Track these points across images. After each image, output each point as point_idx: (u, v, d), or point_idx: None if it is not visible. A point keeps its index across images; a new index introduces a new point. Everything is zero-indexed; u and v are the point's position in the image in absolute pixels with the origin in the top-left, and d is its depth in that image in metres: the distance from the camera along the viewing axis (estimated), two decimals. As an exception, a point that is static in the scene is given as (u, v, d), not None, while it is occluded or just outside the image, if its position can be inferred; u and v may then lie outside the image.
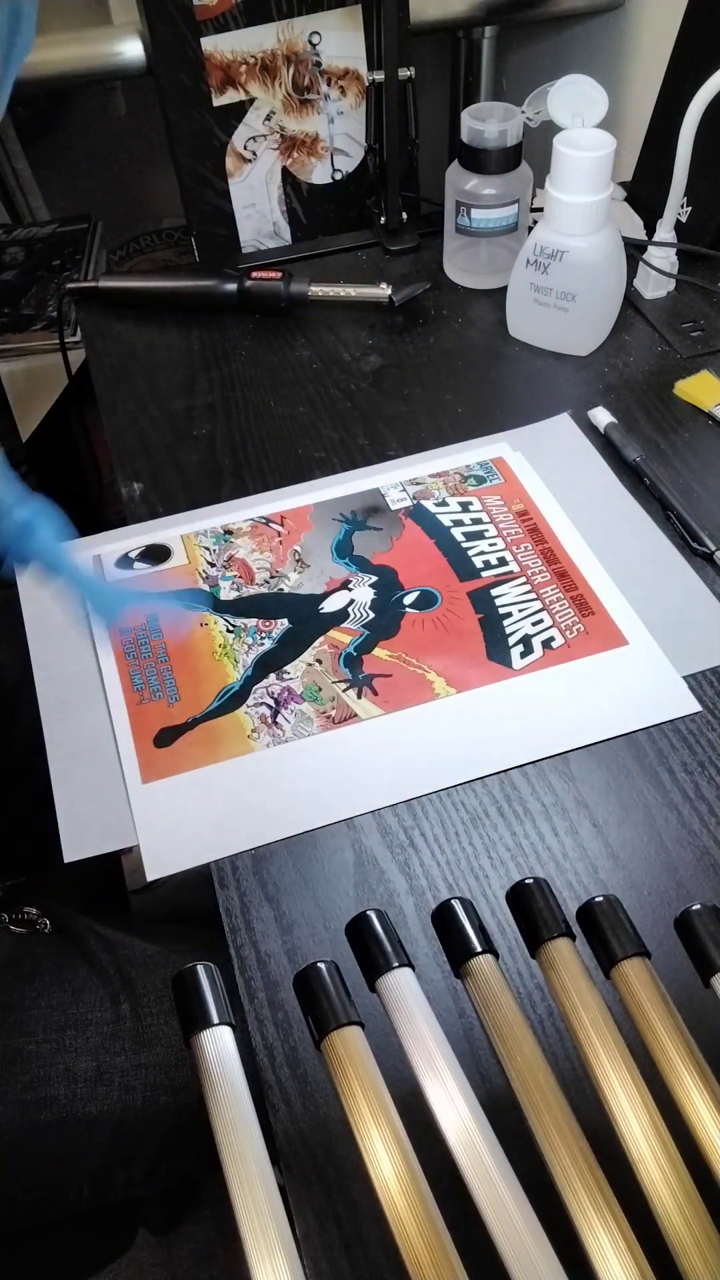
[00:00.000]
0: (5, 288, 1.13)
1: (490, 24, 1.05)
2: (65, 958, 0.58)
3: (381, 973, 0.32)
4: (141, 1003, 0.56)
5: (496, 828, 0.47)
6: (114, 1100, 0.54)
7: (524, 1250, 0.27)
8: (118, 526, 0.64)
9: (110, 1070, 0.55)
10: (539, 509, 0.62)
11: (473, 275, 0.82)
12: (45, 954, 0.59)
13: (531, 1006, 0.41)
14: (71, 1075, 0.54)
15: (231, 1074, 0.30)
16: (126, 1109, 0.54)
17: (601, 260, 0.69)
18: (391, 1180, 0.28)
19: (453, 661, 0.54)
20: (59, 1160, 0.55)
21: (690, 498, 0.62)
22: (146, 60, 0.86)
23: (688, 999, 0.33)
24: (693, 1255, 0.27)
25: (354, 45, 0.82)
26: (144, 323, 0.81)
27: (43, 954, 0.59)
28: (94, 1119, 0.54)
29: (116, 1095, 0.54)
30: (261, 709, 0.53)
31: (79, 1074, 0.54)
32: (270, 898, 0.45)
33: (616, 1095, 0.30)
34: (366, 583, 0.59)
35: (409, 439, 0.69)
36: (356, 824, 0.48)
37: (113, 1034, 0.55)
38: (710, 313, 0.77)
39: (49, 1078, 0.54)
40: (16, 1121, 0.53)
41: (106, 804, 0.49)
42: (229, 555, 0.61)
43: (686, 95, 0.65)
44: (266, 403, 0.73)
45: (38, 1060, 0.54)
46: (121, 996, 0.56)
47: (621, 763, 0.50)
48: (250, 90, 0.82)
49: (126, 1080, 0.55)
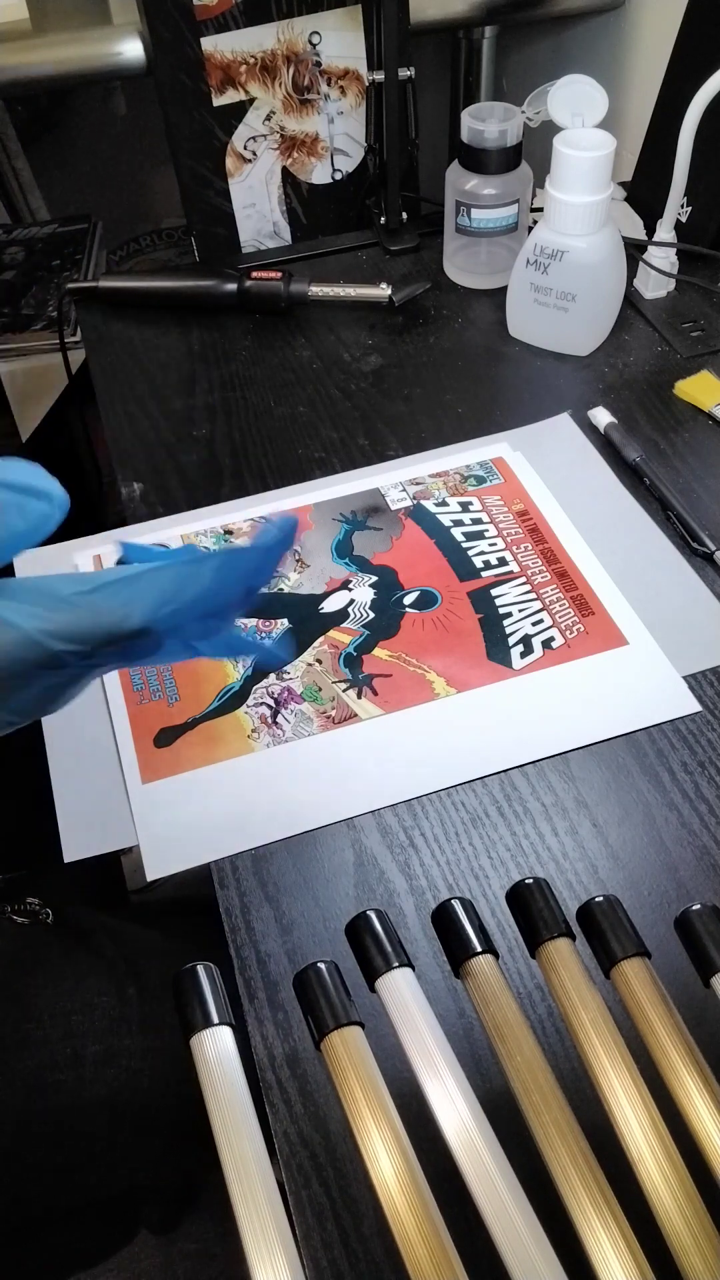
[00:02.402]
0: (5, 288, 1.13)
1: (490, 24, 1.05)
2: (70, 946, 0.58)
3: (381, 973, 0.32)
4: (147, 988, 0.56)
5: (496, 828, 0.47)
6: (121, 1083, 0.54)
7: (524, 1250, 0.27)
8: (118, 526, 0.64)
9: (117, 1053, 0.55)
10: (539, 509, 0.62)
11: (473, 275, 0.82)
12: (49, 943, 0.59)
13: (531, 1006, 0.41)
14: (79, 1059, 0.54)
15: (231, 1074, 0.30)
16: (134, 1091, 0.55)
17: (601, 260, 0.69)
18: (391, 1180, 0.28)
19: (453, 661, 0.54)
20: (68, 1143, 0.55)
21: (690, 498, 0.62)
22: (146, 60, 0.86)
23: (688, 999, 0.33)
24: (693, 1255, 0.27)
25: (354, 45, 0.82)
26: (144, 323, 0.81)
27: (47, 943, 0.59)
28: (101, 1101, 0.54)
29: (124, 1078, 0.54)
30: (261, 709, 0.53)
31: (86, 1058, 0.54)
32: (270, 898, 0.45)
33: (616, 1095, 0.30)
34: (366, 583, 0.59)
35: (409, 439, 0.69)
36: (356, 824, 0.48)
37: (119, 1018, 0.55)
38: (710, 313, 0.77)
39: (56, 1062, 0.54)
40: (25, 1105, 0.53)
41: (106, 804, 0.49)
42: (229, 555, 0.61)
43: (686, 95, 0.65)
44: (266, 403, 0.73)
45: (45, 1045, 0.54)
46: (127, 982, 0.56)
47: (621, 763, 0.50)
48: (250, 90, 0.82)
49: (133, 1063, 0.55)
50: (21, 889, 0.65)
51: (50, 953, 0.58)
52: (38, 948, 0.58)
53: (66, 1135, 0.55)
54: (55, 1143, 0.54)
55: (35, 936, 0.59)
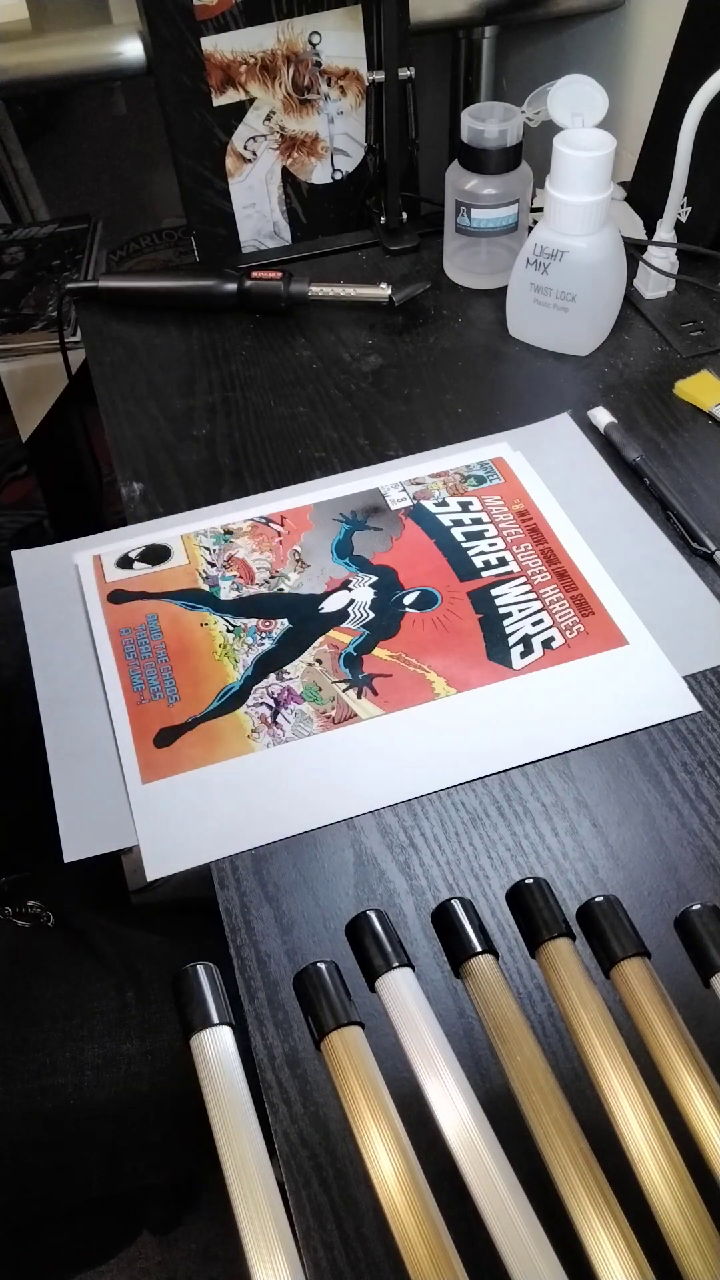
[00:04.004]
0: (5, 288, 1.13)
1: (490, 24, 1.05)
2: (70, 949, 0.58)
3: (381, 973, 0.32)
4: (147, 991, 0.57)
5: (496, 828, 0.47)
6: (121, 1087, 0.55)
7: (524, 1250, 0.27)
8: (118, 526, 0.64)
9: (117, 1057, 0.55)
10: (539, 509, 0.62)
11: (473, 275, 0.82)
12: (50, 946, 0.59)
13: (531, 1006, 0.41)
14: (79, 1063, 0.54)
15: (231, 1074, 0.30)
16: (134, 1095, 0.55)
17: (601, 260, 0.69)
18: (391, 1180, 0.28)
19: (453, 661, 0.54)
20: (69, 1146, 0.55)
21: (690, 498, 0.62)
22: (146, 60, 0.86)
23: (688, 999, 0.33)
24: (693, 1255, 0.27)
25: (354, 45, 0.82)
26: (144, 323, 0.81)
27: (47, 946, 0.59)
28: (102, 1105, 0.54)
29: (124, 1082, 0.55)
30: (261, 709, 0.53)
31: (86, 1061, 0.54)
32: (270, 898, 0.45)
33: (616, 1095, 0.30)
34: (366, 583, 0.59)
35: (409, 439, 0.69)
36: (356, 824, 0.48)
37: (119, 1022, 0.55)
38: (710, 313, 0.77)
39: (56, 1066, 0.54)
40: (26, 1109, 0.53)
41: (106, 804, 0.49)
42: (229, 555, 0.61)
43: (686, 95, 0.65)
44: (266, 403, 0.73)
45: (45, 1049, 0.54)
46: (126, 985, 0.57)
47: (621, 763, 0.50)
48: (250, 90, 0.82)
49: (133, 1067, 0.55)
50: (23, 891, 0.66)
51: (50, 956, 0.58)
52: (38, 951, 0.58)
53: (67, 1137, 0.55)
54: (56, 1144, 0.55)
55: (36, 940, 0.60)
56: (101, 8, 0.90)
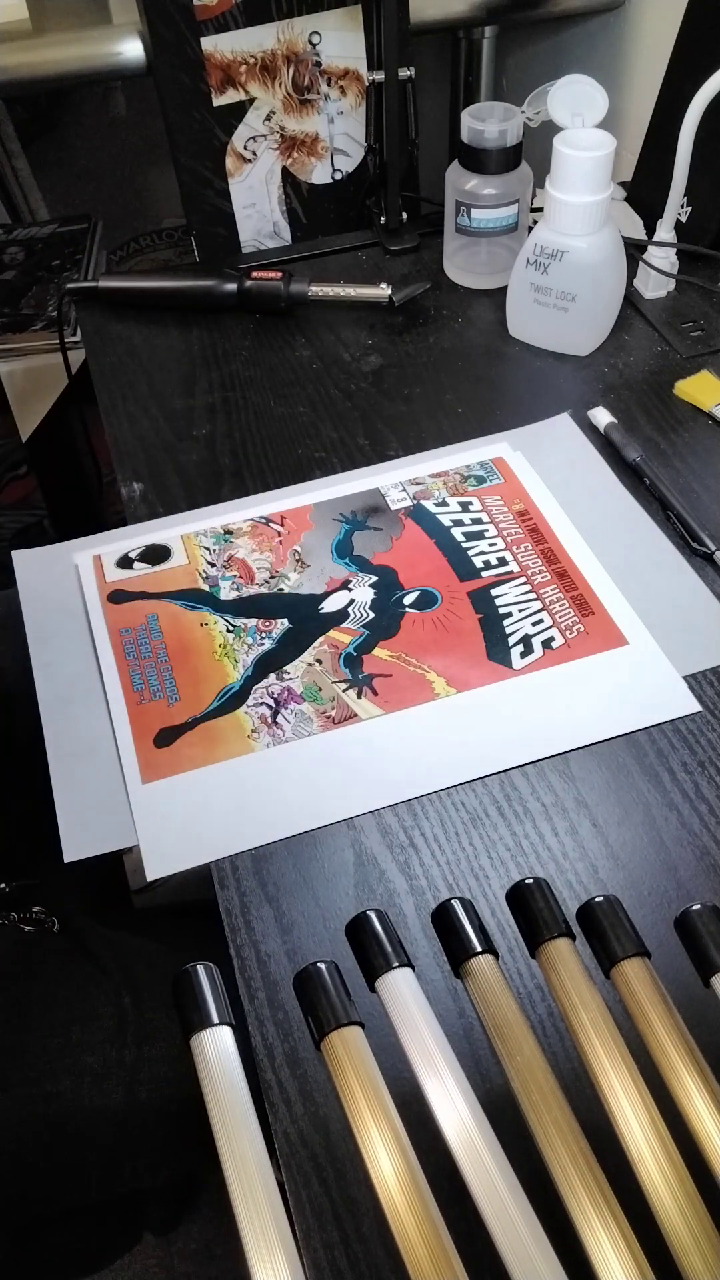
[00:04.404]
0: (5, 288, 1.13)
1: (490, 24, 1.05)
2: (70, 955, 0.59)
3: (381, 973, 0.32)
4: (144, 998, 0.57)
5: (496, 828, 0.47)
6: (119, 1094, 0.55)
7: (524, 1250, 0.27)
8: (118, 526, 0.64)
9: (115, 1064, 0.55)
10: (539, 509, 0.62)
11: (473, 275, 0.82)
12: (51, 952, 0.59)
13: (531, 1006, 0.41)
14: (77, 1070, 0.54)
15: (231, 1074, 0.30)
16: (132, 1102, 0.55)
17: (601, 260, 0.69)
18: (391, 1180, 0.28)
19: (453, 661, 0.54)
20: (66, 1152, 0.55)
21: (690, 498, 0.62)
22: (146, 60, 0.86)
23: (688, 999, 0.33)
24: (693, 1255, 0.27)
25: (354, 45, 0.82)
26: (144, 323, 0.81)
27: (49, 952, 0.59)
28: (100, 1112, 0.54)
29: (122, 1089, 0.55)
30: (261, 709, 0.53)
31: (84, 1068, 0.54)
32: (270, 898, 0.45)
33: (616, 1095, 0.30)
34: (366, 583, 0.59)
35: (409, 439, 0.69)
36: (356, 824, 0.48)
37: (117, 1029, 0.55)
38: (710, 313, 0.77)
39: (55, 1072, 0.54)
40: (24, 1115, 0.53)
41: (106, 804, 0.49)
42: (229, 555, 0.61)
43: (686, 95, 0.65)
44: (266, 403, 0.73)
45: (44, 1055, 0.54)
46: (124, 992, 0.57)
47: (621, 763, 0.50)
48: (250, 90, 0.82)
49: (131, 1074, 0.55)
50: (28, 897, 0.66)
51: (51, 963, 0.58)
52: (39, 957, 0.58)
53: (68, 1141, 0.55)
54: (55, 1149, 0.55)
55: (38, 946, 0.60)
56: (101, 8, 0.90)
